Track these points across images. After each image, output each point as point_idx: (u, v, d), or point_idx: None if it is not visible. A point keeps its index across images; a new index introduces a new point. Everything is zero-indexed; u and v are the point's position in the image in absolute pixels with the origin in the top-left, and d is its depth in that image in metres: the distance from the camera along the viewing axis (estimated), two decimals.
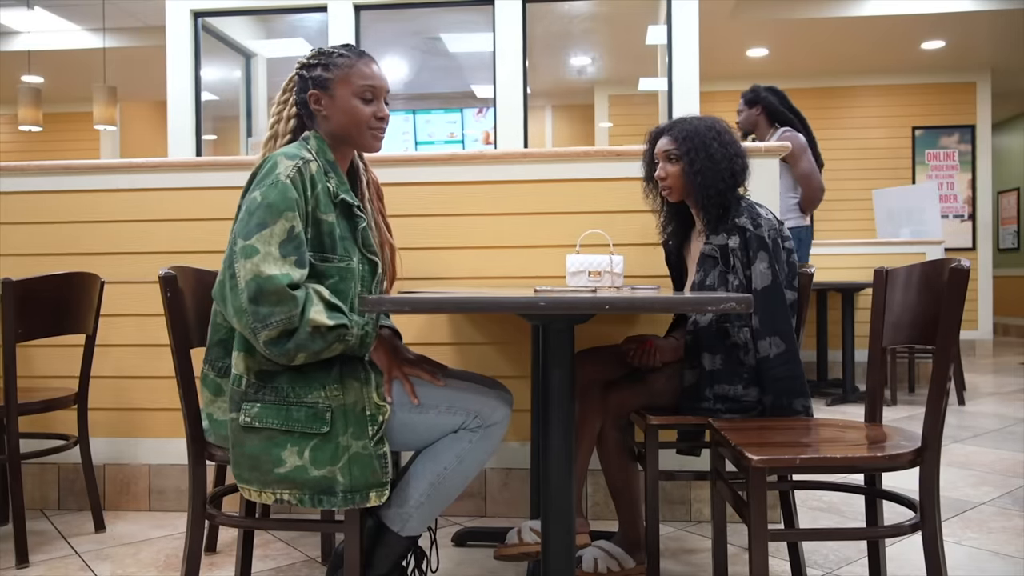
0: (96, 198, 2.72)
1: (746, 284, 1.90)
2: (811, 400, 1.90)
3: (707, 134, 1.99)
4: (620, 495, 2.09)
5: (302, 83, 1.68)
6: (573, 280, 2.23)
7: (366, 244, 1.65)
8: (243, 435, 1.52)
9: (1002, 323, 9.73)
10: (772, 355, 1.86)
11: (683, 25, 4.26)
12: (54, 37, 6.76)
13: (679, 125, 2.04)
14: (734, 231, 1.93)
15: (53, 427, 2.69)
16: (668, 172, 2.03)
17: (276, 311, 1.44)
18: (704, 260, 1.99)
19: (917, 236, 5.59)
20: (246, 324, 1.46)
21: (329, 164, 1.64)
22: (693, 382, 1.96)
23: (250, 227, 1.49)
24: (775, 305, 1.87)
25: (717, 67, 7.43)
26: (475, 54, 5.90)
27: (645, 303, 1.35)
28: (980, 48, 7.08)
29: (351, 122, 1.66)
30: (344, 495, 1.49)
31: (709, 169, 1.96)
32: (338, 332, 1.51)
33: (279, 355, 1.48)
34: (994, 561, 2.16)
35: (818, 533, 2.11)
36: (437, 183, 2.60)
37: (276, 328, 1.45)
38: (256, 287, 1.45)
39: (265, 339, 1.45)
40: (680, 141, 2.00)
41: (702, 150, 1.97)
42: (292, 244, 1.50)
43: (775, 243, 1.92)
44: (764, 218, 1.94)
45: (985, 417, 4.38)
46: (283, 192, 1.51)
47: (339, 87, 1.66)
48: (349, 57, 1.68)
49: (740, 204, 1.98)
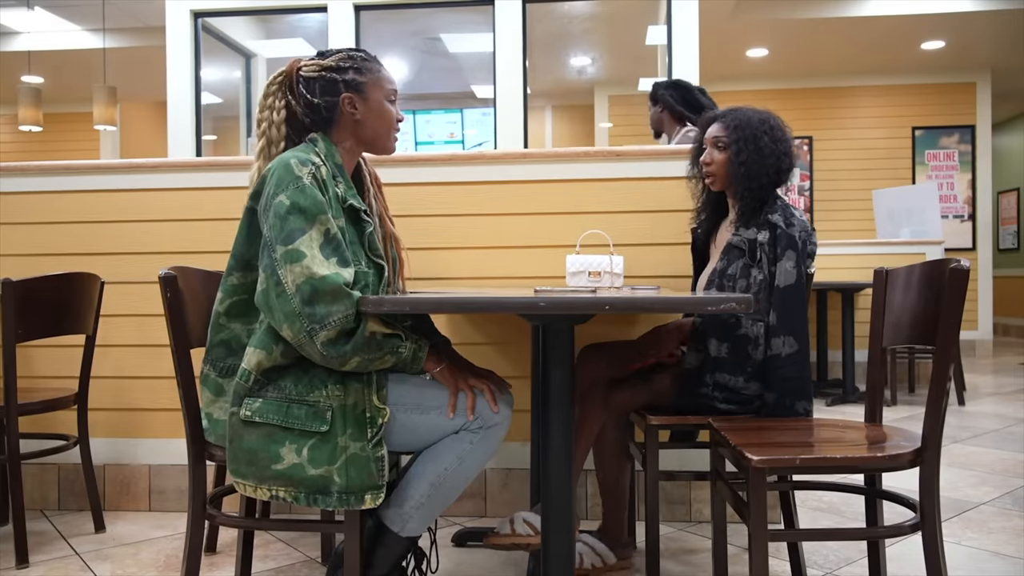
0: (96, 198, 2.72)
1: (769, 280, 1.89)
2: (813, 403, 1.90)
3: (759, 127, 1.96)
4: (611, 492, 2.11)
5: (330, 85, 1.65)
6: (573, 280, 2.23)
7: (372, 249, 1.65)
8: (242, 429, 1.52)
9: (1002, 323, 9.73)
10: (784, 354, 1.85)
11: (683, 25, 4.26)
12: (54, 37, 6.76)
13: (733, 114, 2.01)
14: (765, 226, 1.92)
15: (53, 427, 2.69)
16: (714, 159, 2.01)
17: (334, 310, 1.44)
18: (730, 250, 1.98)
19: (917, 236, 5.60)
20: (301, 328, 1.45)
21: (337, 167, 1.65)
22: (695, 366, 1.95)
23: (287, 232, 1.48)
24: (796, 305, 1.86)
25: (717, 67, 7.44)
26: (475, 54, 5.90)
27: (645, 303, 1.35)
28: (980, 48, 7.08)
29: (384, 125, 1.70)
30: (339, 496, 1.49)
31: (755, 162, 1.93)
32: (393, 343, 1.52)
33: (335, 357, 1.47)
34: (994, 561, 2.16)
35: (818, 533, 2.11)
36: (437, 183, 2.60)
37: (335, 327, 1.45)
38: (311, 288, 1.44)
39: (324, 340, 1.45)
40: (731, 130, 1.98)
41: (751, 142, 1.94)
42: (331, 246, 1.51)
43: (804, 245, 1.90)
44: (798, 219, 1.92)
45: (985, 417, 4.38)
46: (313, 196, 1.51)
47: (372, 90, 1.68)
48: (372, 61, 1.71)
49: (776, 202, 1.96)
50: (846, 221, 7.75)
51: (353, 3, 4.47)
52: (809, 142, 7.89)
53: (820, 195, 7.87)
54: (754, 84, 7.90)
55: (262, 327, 1.56)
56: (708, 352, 1.93)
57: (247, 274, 1.62)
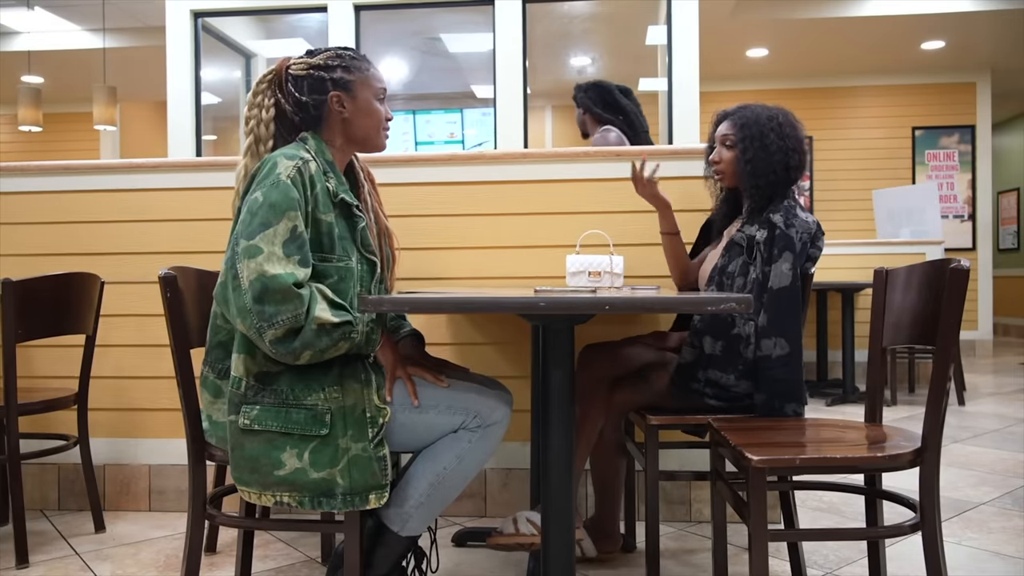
0: (96, 198, 2.72)
1: (763, 280, 1.88)
2: (805, 406, 1.88)
3: (767, 124, 1.97)
4: (605, 489, 2.14)
5: (318, 84, 1.66)
6: (573, 280, 2.24)
7: (365, 244, 1.65)
8: (242, 437, 1.52)
9: (1002, 323, 9.73)
10: (774, 355, 1.85)
11: (683, 25, 4.26)
12: (54, 37, 6.76)
13: (741, 111, 2.03)
14: (765, 225, 1.92)
15: (53, 427, 2.69)
16: (722, 157, 2.03)
17: (282, 309, 1.44)
18: (731, 247, 1.99)
19: (917, 236, 5.60)
20: (251, 324, 1.45)
21: (328, 164, 1.64)
22: (690, 361, 1.96)
23: (252, 227, 1.48)
24: (788, 307, 1.85)
25: (717, 67, 7.44)
26: (475, 54, 5.90)
27: (645, 303, 1.35)
28: (980, 48, 7.08)
29: (372, 123, 1.70)
30: (344, 497, 1.49)
31: (761, 160, 1.95)
32: (343, 329, 1.51)
33: (285, 354, 1.47)
34: (994, 561, 2.16)
35: (818, 533, 2.10)
36: (437, 183, 2.60)
37: (282, 327, 1.44)
38: (261, 286, 1.44)
39: (271, 338, 1.45)
40: (738, 128, 2.00)
41: (757, 139, 1.96)
42: (295, 244, 1.50)
43: (803, 246, 1.89)
44: (800, 220, 1.90)
45: (985, 417, 4.38)
46: (285, 192, 1.51)
47: (360, 89, 1.69)
48: (361, 60, 1.71)
49: (782, 201, 1.95)
50: (846, 221, 7.75)
51: (353, 3, 4.47)
52: (809, 142, 7.88)
53: (820, 195, 7.87)
54: (754, 84, 7.91)
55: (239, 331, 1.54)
56: (703, 349, 1.95)
57: None
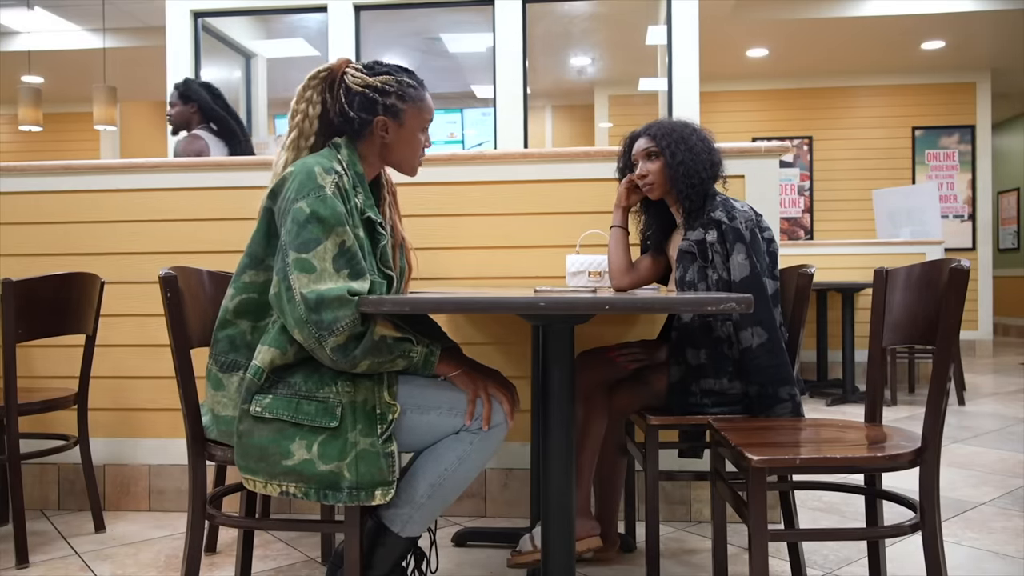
0: (96, 198, 2.72)
1: (726, 277, 1.91)
2: (798, 388, 1.89)
3: (684, 129, 2.05)
4: (603, 489, 2.17)
5: (369, 104, 1.65)
6: (573, 280, 2.24)
7: (384, 261, 1.67)
8: (252, 425, 1.53)
9: (1002, 323, 9.74)
10: (755, 345, 1.86)
11: (683, 25, 4.26)
12: (54, 37, 6.76)
13: (654, 126, 2.10)
14: (710, 225, 1.95)
15: (53, 427, 2.69)
16: (649, 169, 2.07)
17: (340, 315, 1.45)
18: (682, 256, 2.00)
19: (917, 236, 5.60)
20: (310, 335, 1.46)
21: (358, 177, 1.65)
22: (679, 378, 1.97)
23: (302, 240, 1.49)
24: (756, 294, 1.87)
25: (717, 67, 7.44)
26: (475, 54, 5.89)
27: (645, 303, 1.35)
28: (980, 48, 7.08)
29: (410, 152, 1.72)
30: (349, 491, 1.50)
31: (691, 160, 2.00)
32: (403, 347, 1.53)
33: (344, 362, 1.48)
34: (994, 561, 2.16)
35: (818, 533, 2.10)
36: (437, 183, 2.60)
37: (343, 333, 1.45)
38: (316, 297, 1.45)
39: (333, 346, 1.46)
40: (659, 138, 2.05)
41: (682, 143, 2.02)
42: (344, 258, 1.51)
43: (752, 234, 1.93)
44: (739, 211, 1.95)
45: (985, 417, 4.38)
46: (333, 207, 1.52)
47: (409, 119, 1.69)
48: (418, 89, 1.70)
49: (715, 199, 2.01)
50: (846, 221, 7.75)
51: (353, 3, 4.47)
52: (809, 142, 7.89)
53: (820, 195, 7.87)
54: (754, 84, 7.91)
55: (276, 326, 1.57)
56: (688, 363, 1.95)
57: (260, 273, 1.62)
